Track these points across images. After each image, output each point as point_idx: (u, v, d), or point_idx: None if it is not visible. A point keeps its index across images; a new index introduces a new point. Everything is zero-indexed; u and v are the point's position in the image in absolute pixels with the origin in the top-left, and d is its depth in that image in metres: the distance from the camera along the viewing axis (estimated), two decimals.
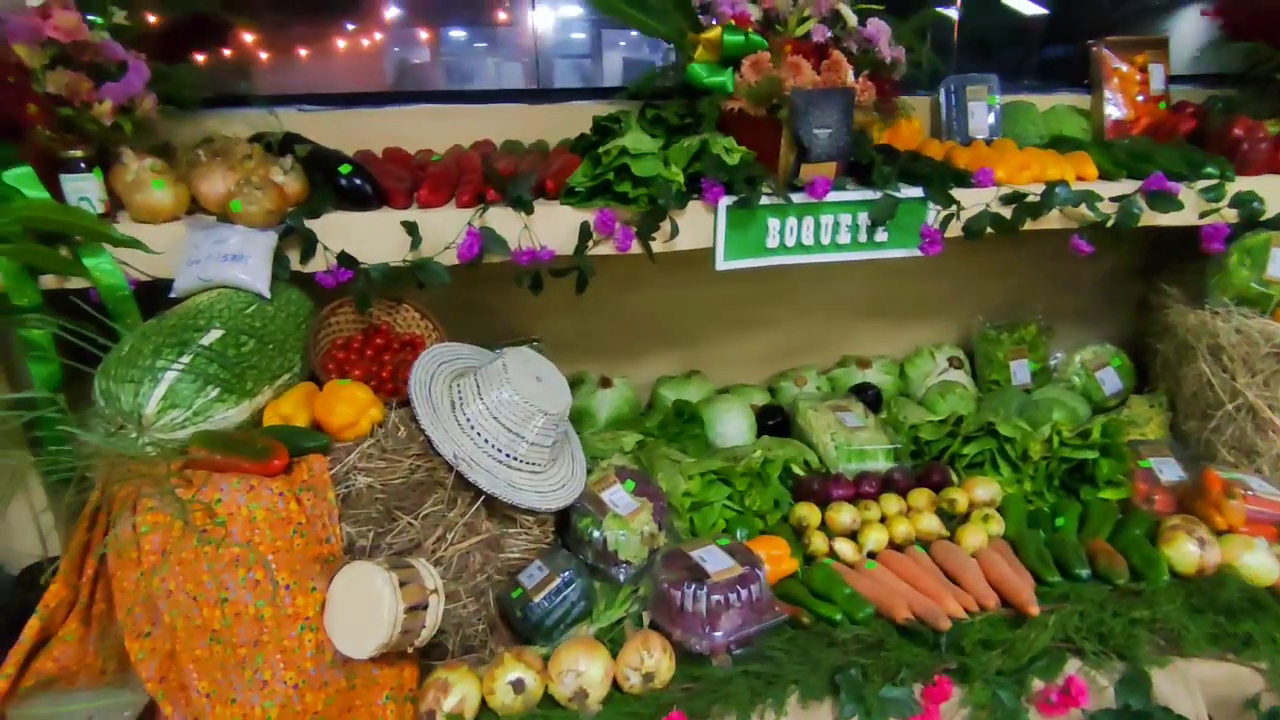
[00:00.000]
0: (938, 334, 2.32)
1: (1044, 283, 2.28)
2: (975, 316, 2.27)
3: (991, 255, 1.98)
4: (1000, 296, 2.29)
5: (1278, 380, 1.52)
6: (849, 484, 1.67)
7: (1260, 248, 1.73)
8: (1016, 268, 2.26)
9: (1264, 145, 1.79)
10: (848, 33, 1.71)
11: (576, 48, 2.38)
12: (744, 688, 1.22)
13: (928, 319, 2.32)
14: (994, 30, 2.28)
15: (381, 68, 2.05)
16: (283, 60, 1.95)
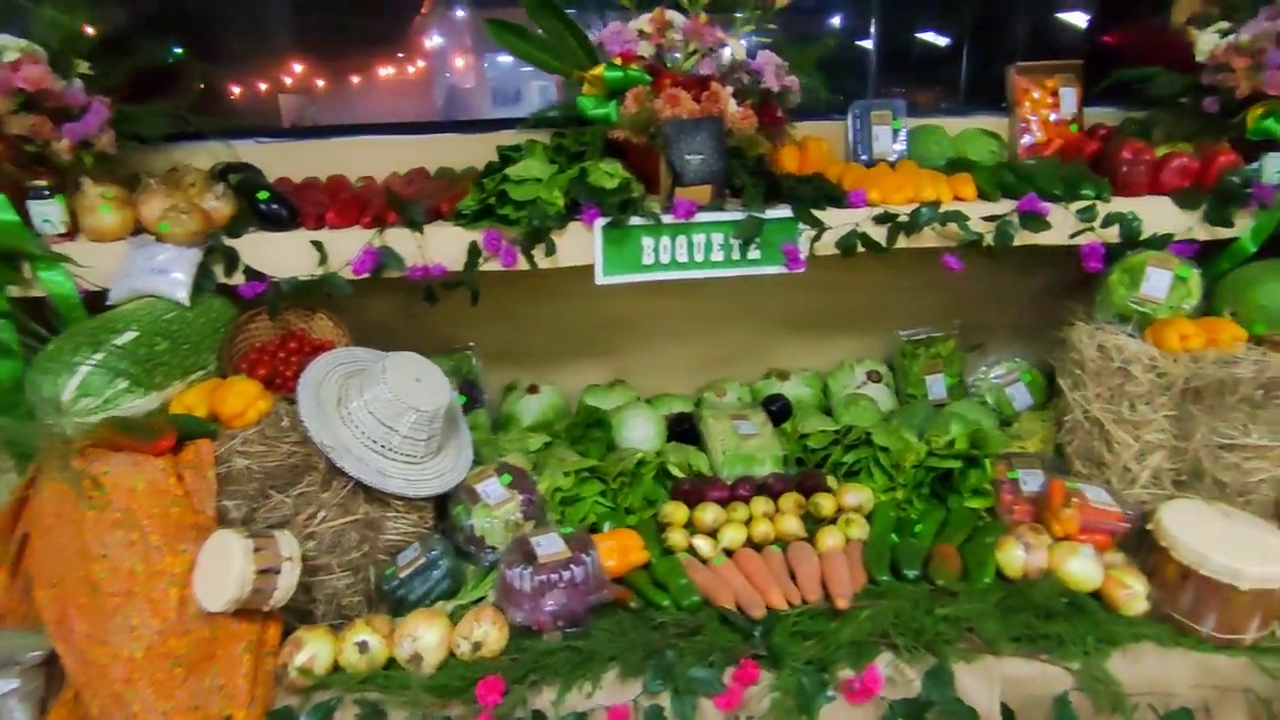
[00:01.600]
0: (865, 348, 2.39)
1: (974, 298, 2.33)
2: (896, 331, 2.34)
3: (919, 271, 2.04)
4: (929, 311, 2.34)
5: (1124, 395, 1.55)
6: (725, 487, 1.78)
7: (1138, 267, 1.76)
8: (945, 283, 2.30)
9: (1143, 168, 1.82)
10: (737, 65, 1.85)
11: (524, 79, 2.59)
12: (565, 660, 1.35)
13: (855, 333, 2.39)
14: (908, 55, 2.37)
15: (337, 103, 2.30)
16: (245, 98, 2.22)
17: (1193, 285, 1.74)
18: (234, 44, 2.28)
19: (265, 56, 2.32)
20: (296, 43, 2.32)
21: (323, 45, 2.35)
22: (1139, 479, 1.54)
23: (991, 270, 1.98)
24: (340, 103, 2.36)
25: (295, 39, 2.35)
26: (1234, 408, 1.47)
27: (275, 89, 2.33)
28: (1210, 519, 1.43)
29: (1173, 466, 1.54)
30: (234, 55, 2.28)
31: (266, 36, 2.37)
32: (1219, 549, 1.34)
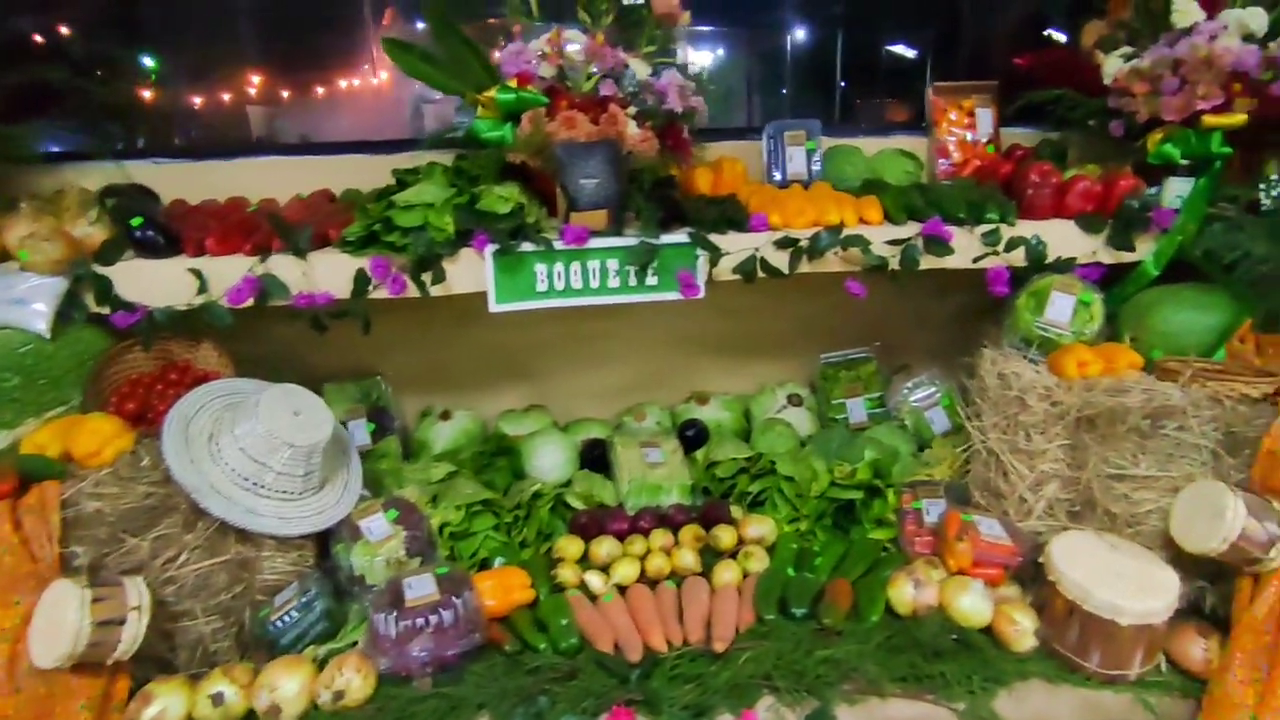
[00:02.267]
0: (788, 371, 2.36)
1: (898, 320, 2.30)
2: (818, 355, 2.31)
3: (842, 293, 2.02)
4: (854, 334, 2.31)
5: (1020, 424, 1.53)
6: (626, 519, 1.73)
7: (1044, 291, 1.74)
8: (869, 305, 2.27)
9: (1048, 191, 1.81)
10: (641, 87, 1.82)
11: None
12: (432, 709, 1.29)
13: (778, 356, 2.36)
14: (829, 76, 2.36)
15: (241, 122, 2.24)
16: (146, 117, 2.15)
17: (1095, 310, 1.72)
18: (136, 61, 2.21)
19: (173, 74, 2.26)
20: (201, 61, 2.26)
21: (231, 64, 2.29)
22: (1034, 510, 1.52)
23: (915, 292, 1.95)
24: (250, 122, 2.30)
25: (203, 57, 2.29)
26: (1124, 437, 1.45)
27: (180, 107, 2.27)
28: (1098, 551, 1.40)
29: (1067, 497, 1.51)
30: (136, 73, 2.21)
31: (178, 52, 2.30)
32: (1102, 584, 1.32)
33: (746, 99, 2.77)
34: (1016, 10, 2.51)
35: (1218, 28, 1.80)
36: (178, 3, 2.23)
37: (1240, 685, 1.29)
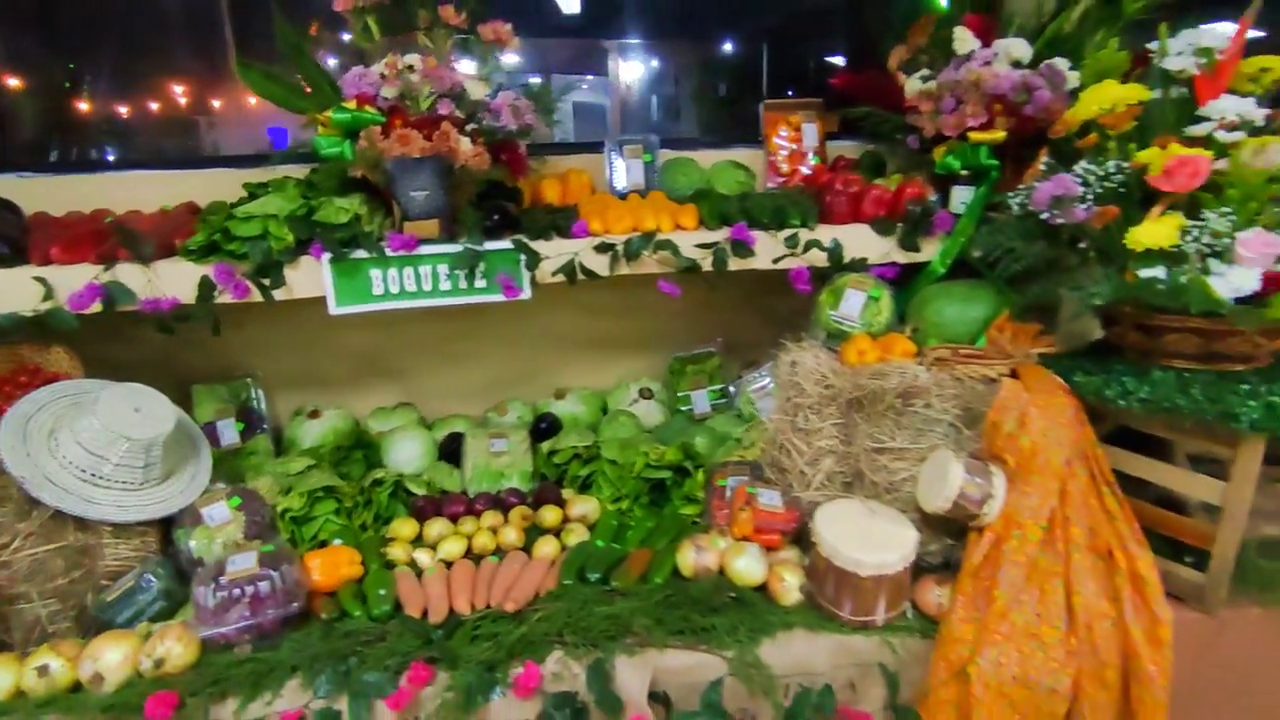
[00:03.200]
0: (644, 367, 2.54)
1: (744, 317, 2.50)
2: (673, 352, 2.49)
3: (692, 295, 2.19)
4: (705, 331, 2.50)
5: (799, 406, 1.72)
6: (463, 502, 1.88)
7: (842, 288, 1.95)
8: (717, 305, 2.47)
9: (845, 199, 2.02)
10: (476, 106, 1.98)
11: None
12: (249, 672, 1.42)
13: (636, 353, 2.54)
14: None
15: (116, 136, 2.34)
16: (10, 131, 2.25)
17: (884, 304, 1.93)
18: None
19: (43, 88, 2.35)
20: (69, 75, 2.35)
21: (102, 79, 2.39)
22: (813, 482, 1.70)
23: (758, 290, 2.13)
24: (118, 136, 2.40)
25: (73, 71, 2.39)
26: (884, 415, 1.65)
27: (50, 120, 2.36)
28: (856, 516, 1.59)
29: (840, 470, 1.70)
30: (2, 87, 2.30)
31: (50, 65, 2.40)
32: (850, 542, 1.51)
33: (620, 116, 3.02)
34: (852, 37, 2.75)
35: (991, 55, 2.04)
36: (45, 18, 2.32)
37: (961, 623, 1.49)
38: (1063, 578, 1.54)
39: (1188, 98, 1.70)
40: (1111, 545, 1.57)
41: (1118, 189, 1.66)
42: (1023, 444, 1.53)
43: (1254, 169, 1.56)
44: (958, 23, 2.06)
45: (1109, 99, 1.70)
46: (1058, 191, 1.66)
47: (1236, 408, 1.45)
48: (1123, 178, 1.65)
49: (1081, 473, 1.61)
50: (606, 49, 7.23)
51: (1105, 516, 1.59)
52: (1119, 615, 1.52)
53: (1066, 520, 1.57)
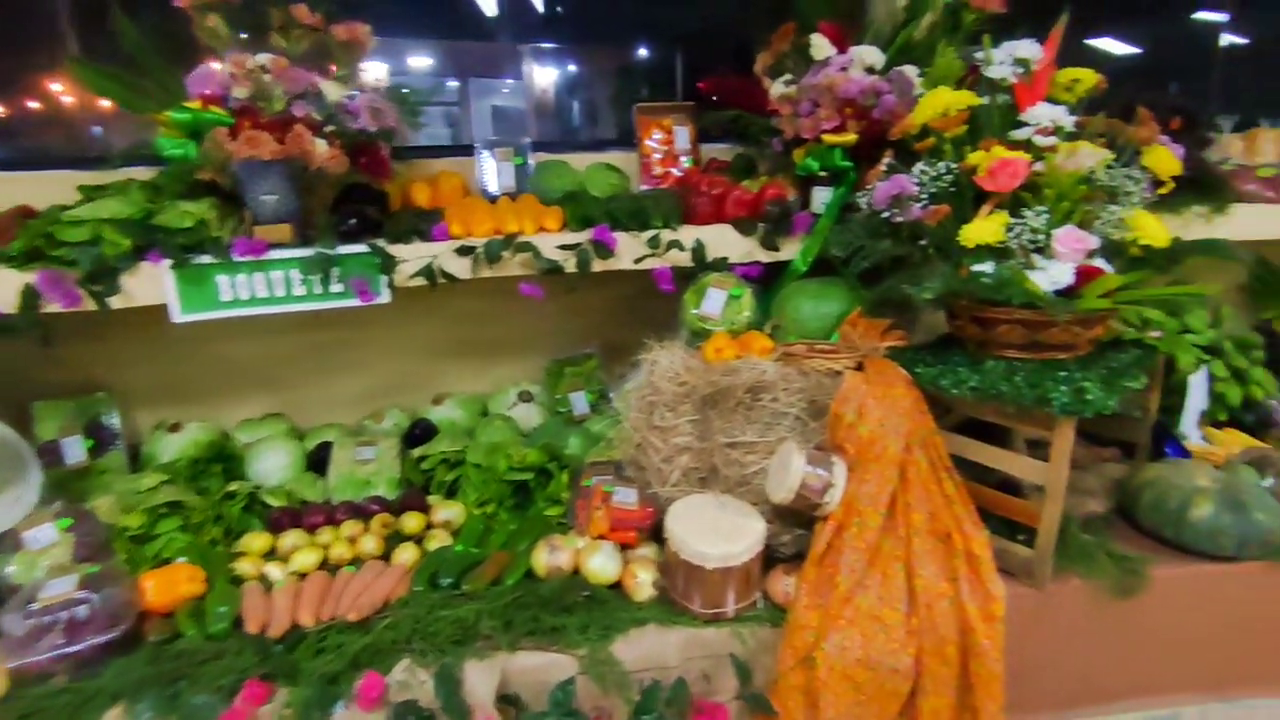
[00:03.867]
0: (525, 370, 2.53)
1: (621, 319, 2.50)
2: (553, 355, 2.49)
3: (569, 298, 2.19)
4: (585, 334, 2.50)
5: (655, 404, 1.75)
6: (323, 512, 1.83)
7: (704, 288, 1.99)
8: (602, 306, 2.48)
9: (707, 200, 2.06)
10: (335, 108, 1.93)
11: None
12: (64, 704, 1.34)
13: (516, 357, 2.53)
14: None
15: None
16: None
17: (745, 302, 1.97)
18: None
19: None
20: None
21: None
22: (669, 479, 1.73)
23: (639, 292, 2.13)
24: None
25: None
26: (735, 410, 1.69)
27: None
28: (707, 511, 1.63)
29: (697, 465, 1.73)
30: None
31: None
32: (697, 536, 1.53)
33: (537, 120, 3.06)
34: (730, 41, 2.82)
35: (846, 61, 2.12)
36: None
37: (806, 610, 1.54)
38: (904, 561, 1.60)
39: (1011, 104, 1.80)
40: (950, 528, 1.64)
41: (949, 189, 1.74)
42: (861, 433, 1.59)
43: (1066, 171, 1.67)
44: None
45: (941, 104, 1.79)
46: (895, 191, 1.74)
47: (1050, 393, 1.55)
48: (953, 178, 1.74)
49: (922, 460, 1.69)
50: (521, 52, 7.16)
51: (944, 501, 1.67)
52: (956, 594, 1.60)
53: (908, 506, 1.64)
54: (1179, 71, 2.97)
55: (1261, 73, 2.87)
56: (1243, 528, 1.69)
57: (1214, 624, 1.76)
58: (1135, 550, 1.78)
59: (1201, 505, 1.72)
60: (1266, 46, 2.87)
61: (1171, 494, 1.77)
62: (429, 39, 6.31)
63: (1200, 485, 1.77)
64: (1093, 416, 1.54)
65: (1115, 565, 1.72)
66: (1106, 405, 1.54)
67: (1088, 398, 1.52)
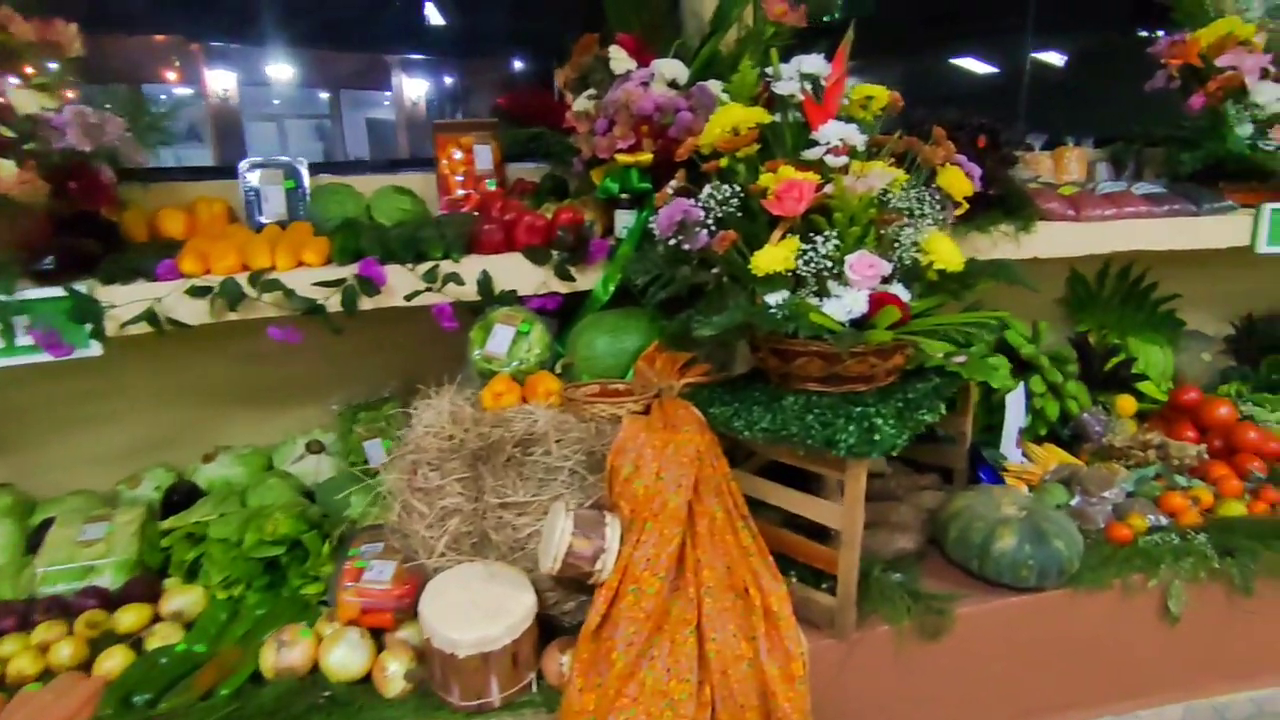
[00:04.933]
0: (317, 416, 2.25)
1: (426, 358, 2.25)
2: (349, 398, 2.23)
3: (367, 334, 1.93)
4: (383, 374, 2.24)
5: (418, 463, 1.54)
6: (14, 613, 1.51)
7: (491, 323, 1.79)
8: (402, 341, 2.21)
9: (496, 227, 1.86)
10: (30, 122, 1.62)
11: None
12: None
13: (306, 401, 2.24)
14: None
15: None
16: None
17: (535, 339, 1.79)
18: None
19: None
20: None
21: None
22: (437, 547, 1.52)
23: (436, 329, 1.91)
24: None
25: None
26: (507, 466, 1.50)
27: None
28: (471, 583, 1.42)
29: (469, 529, 1.53)
30: None
31: None
32: (449, 619, 1.33)
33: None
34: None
35: (647, 75, 1.98)
36: None
37: (580, 693, 1.35)
38: (694, 625, 1.45)
39: (805, 123, 1.71)
40: (747, 582, 1.51)
41: (735, 213, 1.62)
42: (636, 489, 1.43)
43: (855, 193, 1.57)
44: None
45: (730, 122, 1.67)
46: (676, 216, 1.60)
47: (838, 434, 1.44)
48: (739, 202, 1.62)
49: (717, 510, 1.55)
50: (390, 64, 6.78)
51: (741, 553, 1.53)
52: (755, 655, 1.46)
53: (699, 563, 1.49)
54: (998, 93, 3.05)
55: (1068, 94, 2.98)
56: (1042, 558, 1.64)
57: (1022, 656, 1.71)
58: (946, 585, 1.71)
59: (1004, 537, 1.67)
60: (1076, 71, 2.97)
61: (976, 526, 1.71)
62: (297, 48, 5.80)
63: (1004, 515, 1.71)
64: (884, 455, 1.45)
65: (921, 606, 1.63)
66: (895, 443, 1.44)
67: (875, 437, 1.42)
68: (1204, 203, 2.29)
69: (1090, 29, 2.93)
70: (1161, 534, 1.84)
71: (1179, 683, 1.84)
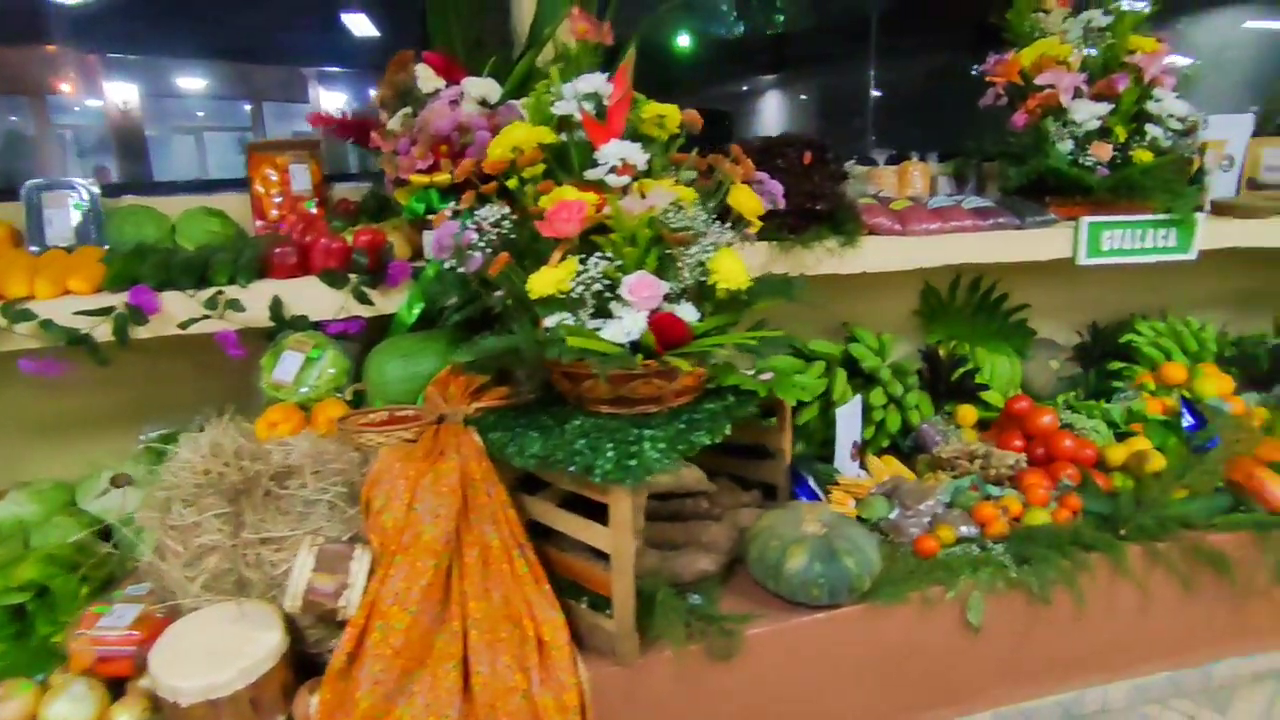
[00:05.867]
0: (130, 447, 2.16)
1: (249, 381, 2.20)
2: (165, 426, 2.14)
3: (189, 356, 1.85)
4: (202, 397, 2.14)
5: (170, 500, 1.47)
6: None
7: (282, 349, 1.74)
8: (219, 365, 2.11)
9: (291, 250, 1.81)
10: None
11: None
12: None
13: (119, 431, 2.15)
14: None
15: None
16: None
17: (326, 366, 1.74)
18: None
19: None
20: None
21: None
22: (191, 588, 1.45)
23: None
24: None
25: None
26: (266, 500, 1.44)
27: None
28: (211, 626, 1.36)
29: (230, 567, 1.47)
30: None
31: None
32: (174, 665, 1.27)
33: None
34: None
35: (456, 94, 1.95)
36: None
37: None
38: (459, 659, 1.41)
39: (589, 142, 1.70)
40: (521, 613, 1.48)
41: (510, 234, 1.60)
42: (385, 522, 1.39)
43: (632, 213, 1.56)
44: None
45: (513, 141, 1.65)
46: (446, 240, 1.58)
47: (595, 460, 1.42)
48: (510, 224, 1.60)
49: (492, 539, 1.52)
50: (306, 77, 6.63)
51: (516, 583, 1.50)
52: (529, 686, 1.43)
53: (465, 596, 1.45)
54: (843, 113, 3.12)
55: (918, 111, 3.05)
56: (833, 576, 1.64)
57: (821, 674, 1.70)
58: (747, 606, 1.70)
59: (795, 556, 1.66)
60: (926, 89, 3.06)
61: (772, 546, 1.70)
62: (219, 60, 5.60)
63: (801, 534, 1.71)
64: (648, 480, 1.43)
65: (713, 628, 1.61)
66: (656, 468, 1.43)
67: (632, 463, 1.41)
68: (1027, 216, 2.35)
69: (939, 50, 3.01)
70: (965, 545, 1.87)
71: (986, 691, 1.86)
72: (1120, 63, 2.41)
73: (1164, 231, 2.38)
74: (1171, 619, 1.92)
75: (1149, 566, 1.88)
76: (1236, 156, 2.67)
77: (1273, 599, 1.94)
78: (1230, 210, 2.50)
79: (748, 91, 4.48)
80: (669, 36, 2.03)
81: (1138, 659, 1.94)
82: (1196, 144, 2.48)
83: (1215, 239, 2.42)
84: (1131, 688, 1.95)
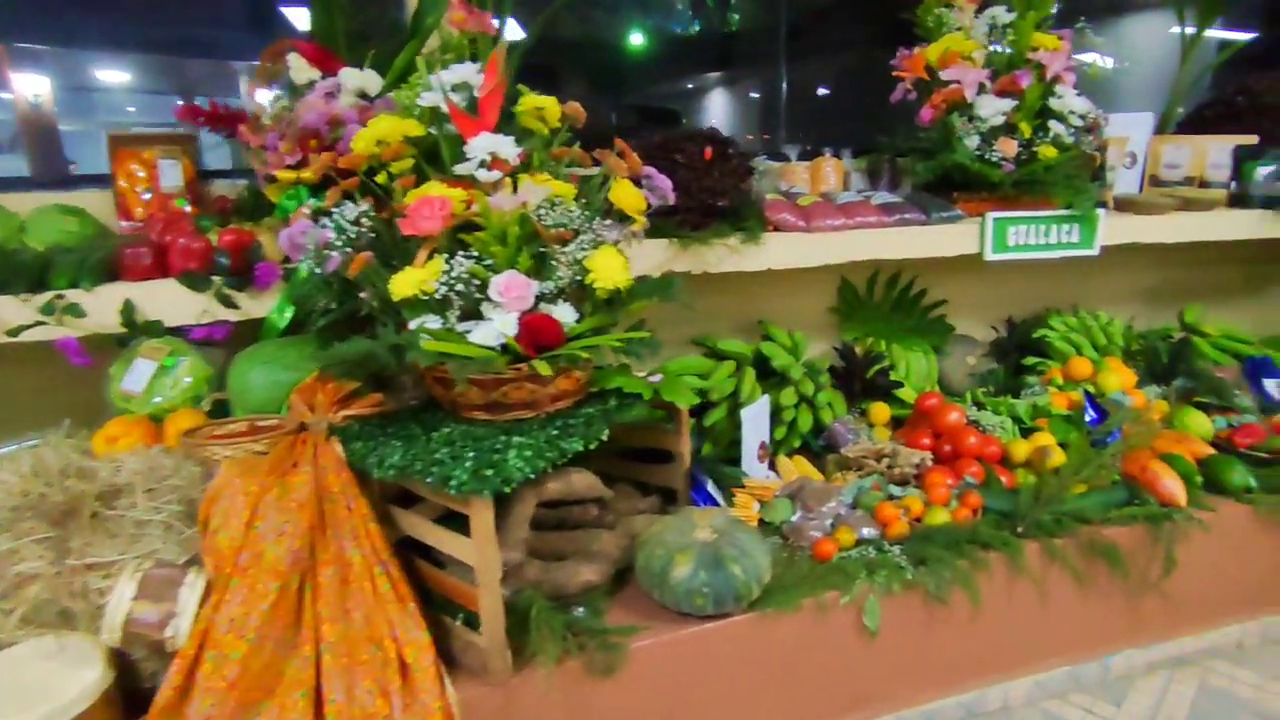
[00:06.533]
0: None
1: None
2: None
3: (41, 368, 1.70)
4: (70, 414, 2.02)
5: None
6: None
7: (132, 357, 1.62)
8: (84, 380, 1.98)
9: (146, 250, 1.69)
10: None
11: None
12: None
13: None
14: None
15: None
16: None
17: (181, 374, 1.63)
18: None
19: None
20: None
21: None
22: (10, 621, 1.33)
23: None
24: None
25: None
26: (94, 522, 1.33)
27: None
28: (23, 663, 1.24)
29: (50, 598, 1.35)
30: None
31: None
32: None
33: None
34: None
35: (333, 86, 1.85)
36: None
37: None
38: (310, 687, 1.32)
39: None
40: (383, 634, 1.39)
41: (370, 233, 1.51)
42: (220, 542, 1.29)
43: (503, 210, 1.49)
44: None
45: (377, 134, 1.56)
46: (297, 239, 1.48)
47: (452, 471, 1.33)
48: (375, 222, 1.51)
49: (354, 556, 1.42)
50: (237, 71, 6.42)
51: (378, 602, 1.41)
52: (390, 711, 1.34)
53: (319, 618, 1.36)
54: (761, 108, 3.09)
55: (831, 108, 3.04)
56: (718, 585, 1.58)
57: (711, 685, 1.64)
58: (634, 617, 1.63)
59: (680, 565, 1.60)
60: (840, 85, 3.04)
61: (657, 554, 1.63)
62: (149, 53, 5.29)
63: (689, 541, 1.64)
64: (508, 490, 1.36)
65: (594, 642, 1.54)
66: (517, 477, 1.36)
67: (488, 473, 1.33)
68: (934, 212, 2.34)
69: (857, 46, 3.00)
70: (863, 548, 1.83)
71: (887, 695, 1.82)
72: (1023, 59, 2.41)
73: (1068, 227, 2.39)
74: (1068, 614, 1.91)
75: (1046, 563, 1.87)
76: (1139, 154, 2.70)
77: (1164, 590, 1.95)
78: (1132, 206, 2.52)
79: (693, 90, 4.44)
80: (617, 34, 1.95)
81: (1037, 655, 1.93)
82: (1099, 141, 2.49)
83: (1117, 235, 2.44)
84: (1032, 684, 1.93)
